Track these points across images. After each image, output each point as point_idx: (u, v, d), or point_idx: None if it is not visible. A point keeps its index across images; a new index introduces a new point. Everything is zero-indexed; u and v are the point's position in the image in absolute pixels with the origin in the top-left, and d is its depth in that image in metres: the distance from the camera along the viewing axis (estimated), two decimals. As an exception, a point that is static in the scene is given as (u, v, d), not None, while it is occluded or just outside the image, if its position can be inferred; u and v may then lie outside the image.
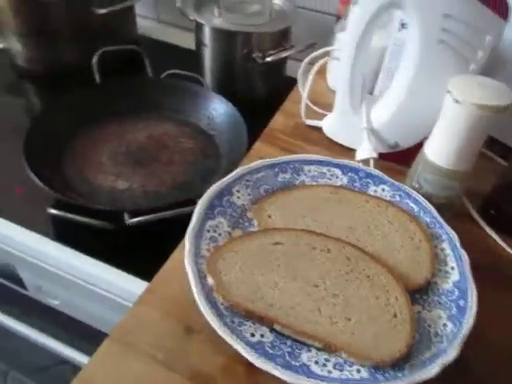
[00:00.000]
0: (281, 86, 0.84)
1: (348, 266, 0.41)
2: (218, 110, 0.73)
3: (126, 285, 0.54)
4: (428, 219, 0.47)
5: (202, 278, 0.39)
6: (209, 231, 0.44)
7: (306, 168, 0.52)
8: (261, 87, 0.83)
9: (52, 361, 0.89)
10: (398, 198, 0.50)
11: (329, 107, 0.65)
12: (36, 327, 0.83)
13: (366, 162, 0.55)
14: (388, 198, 0.50)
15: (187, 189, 0.63)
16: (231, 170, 0.48)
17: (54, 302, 0.71)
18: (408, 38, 0.49)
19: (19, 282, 0.71)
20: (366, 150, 0.54)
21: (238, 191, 0.49)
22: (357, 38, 0.49)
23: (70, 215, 0.53)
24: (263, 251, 0.42)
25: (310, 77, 0.61)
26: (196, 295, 0.37)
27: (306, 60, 0.62)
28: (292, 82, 0.87)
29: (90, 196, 0.61)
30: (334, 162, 0.53)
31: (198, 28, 0.78)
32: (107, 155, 0.67)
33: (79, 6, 0.78)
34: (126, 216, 0.53)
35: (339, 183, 0.52)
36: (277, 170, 0.51)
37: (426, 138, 0.49)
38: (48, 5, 0.76)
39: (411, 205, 0.49)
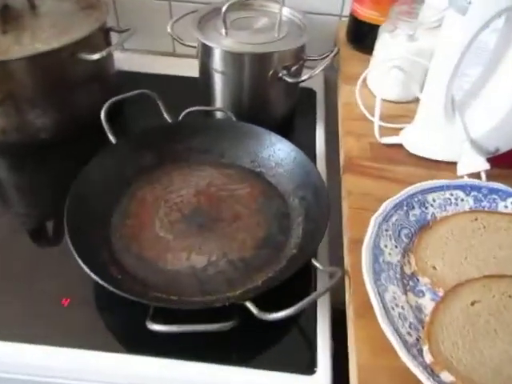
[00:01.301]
0: (303, 99, 0.78)
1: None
2: (263, 144, 0.64)
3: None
4: None
5: (433, 375, 0.33)
6: (393, 309, 0.38)
7: (430, 198, 0.47)
8: (287, 106, 0.75)
9: None
10: (533, 209, 0.47)
11: (390, 118, 0.60)
12: None
13: (472, 175, 0.51)
14: (522, 212, 0.47)
15: (272, 243, 0.55)
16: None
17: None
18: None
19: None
20: (471, 163, 0.51)
21: (385, 246, 0.42)
22: (462, 47, 0.44)
23: (176, 328, 0.43)
24: (467, 317, 0.37)
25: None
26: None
27: (363, 76, 0.57)
28: (309, 93, 0.82)
29: (176, 290, 0.50)
30: (453, 185, 0.48)
31: (205, 52, 0.68)
32: (160, 227, 0.56)
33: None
34: (250, 306, 0.44)
35: (467, 207, 0.48)
36: (405, 208, 0.46)
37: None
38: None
39: (549, 212, 0.47)
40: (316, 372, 0.46)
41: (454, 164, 0.54)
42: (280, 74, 0.67)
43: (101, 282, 0.45)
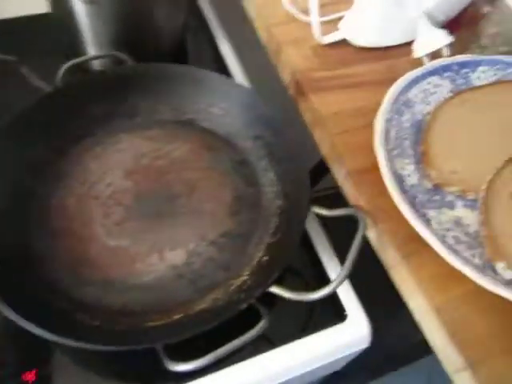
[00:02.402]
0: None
1: None
2: (181, 83, 0.50)
3: None
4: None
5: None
6: (445, 236, 0.33)
7: (411, 95, 0.42)
8: (179, 25, 0.60)
9: None
10: (501, 74, 0.45)
11: (321, 10, 0.51)
12: None
13: (430, 55, 0.46)
14: (494, 79, 0.44)
15: (246, 201, 0.45)
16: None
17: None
18: None
19: None
20: (430, 40, 0.45)
21: (402, 168, 0.37)
22: None
23: (207, 360, 0.33)
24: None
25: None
26: None
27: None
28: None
29: (171, 303, 0.39)
30: (426, 72, 0.43)
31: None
32: (107, 234, 0.42)
33: None
34: (277, 290, 0.36)
35: (445, 91, 0.43)
36: (396, 116, 0.40)
37: None
38: None
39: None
40: (348, 316, 0.43)
41: (407, 47, 0.48)
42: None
43: (67, 340, 0.32)
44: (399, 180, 0.35)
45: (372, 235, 0.38)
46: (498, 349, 0.31)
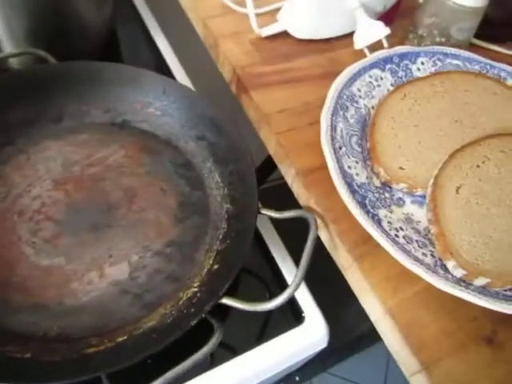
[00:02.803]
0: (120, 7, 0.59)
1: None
2: (113, 83, 0.46)
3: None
4: (478, 67, 0.45)
5: (466, 285, 0.31)
6: (397, 236, 0.32)
7: (355, 89, 0.41)
8: (106, 18, 0.55)
9: None
10: (440, 64, 0.45)
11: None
12: None
13: (371, 46, 0.45)
14: (433, 70, 0.44)
15: (193, 207, 0.42)
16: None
17: None
18: None
19: None
20: (369, 31, 0.44)
21: (349, 167, 0.36)
22: None
23: None
24: (461, 208, 0.34)
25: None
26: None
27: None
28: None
29: (114, 323, 0.36)
30: (369, 65, 0.42)
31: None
32: (36, 253, 0.38)
33: None
34: (229, 302, 0.34)
35: (388, 84, 0.43)
36: (341, 112, 0.39)
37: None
38: None
39: (455, 62, 0.45)
40: (305, 318, 0.42)
41: (348, 38, 0.47)
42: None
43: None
44: (348, 179, 0.34)
45: (324, 237, 0.37)
46: (451, 348, 0.31)
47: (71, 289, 0.37)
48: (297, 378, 1.05)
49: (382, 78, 0.43)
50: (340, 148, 0.36)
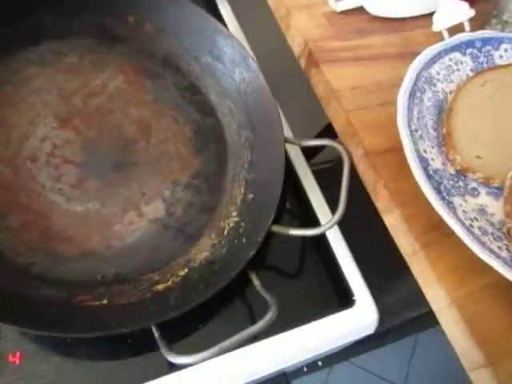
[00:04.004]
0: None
1: None
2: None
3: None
4: None
5: None
6: (472, 226, 0.31)
7: (433, 71, 0.39)
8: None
9: None
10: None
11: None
12: None
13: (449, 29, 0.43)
14: (516, 57, 0.42)
15: (210, 134, 0.41)
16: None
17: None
18: None
19: None
20: (451, 12, 0.42)
21: (425, 151, 0.34)
22: None
23: (217, 348, 0.31)
24: None
25: None
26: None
27: None
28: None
29: (164, 261, 0.36)
30: (450, 47, 0.40)
31: None
32: (67, 200, 0.36)
33: None
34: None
35: (468, 69, 0.41)
36: (419, 94, 0.37)
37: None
38: None
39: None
40: (356, 301, 0.41)
41: (424, 19, 0.45)
42: None
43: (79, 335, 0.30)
44: (424, 164, 0.33)
45: (389, 221, 0.36)
46: (521, 346, 0.30)
47: (115, 231, 0.36)
48: (319, 363, 1.05)
49: (462, 63, 0.40)
50: (416, 131, 0.35)
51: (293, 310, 0.39)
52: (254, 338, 0.38)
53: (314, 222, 0.42)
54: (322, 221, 0.42)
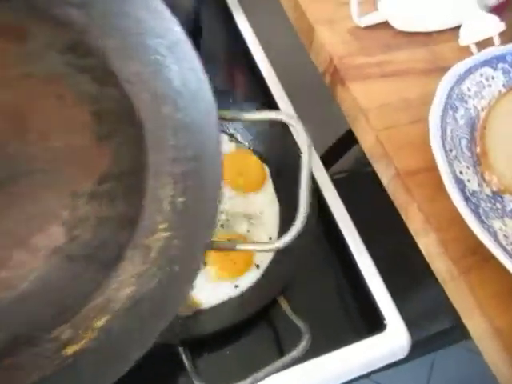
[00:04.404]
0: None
1: None
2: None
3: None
4: None
5: None
6: (516, 251, 0.30)
7: (465, 87, 0.38)
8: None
9: None
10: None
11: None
12: None
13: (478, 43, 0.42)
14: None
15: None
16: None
17: None
18: None
19: None
20: (480, 26, 0.41)
21: (461, 173, 0.33)
22: None
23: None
24: None
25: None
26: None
27: None
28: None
29: None
30: (480, 62, 0.39)
31: None
32: None
33: None
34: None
35: (500, 84, 0.39)
36: (451, 112, 0.36)
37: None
38: None
39: None
40: (387, 326, 0.40)
41: (450, 32, 0.44)
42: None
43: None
44: (460, 185, 0.32)
45: (424, 244, 0.34)
46: None
47: (0, 280, 0.26)
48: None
49: (493, 78, 0.39)
50: (451, 151, 0.34)
51: (323, 335, 0.38)
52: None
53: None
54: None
